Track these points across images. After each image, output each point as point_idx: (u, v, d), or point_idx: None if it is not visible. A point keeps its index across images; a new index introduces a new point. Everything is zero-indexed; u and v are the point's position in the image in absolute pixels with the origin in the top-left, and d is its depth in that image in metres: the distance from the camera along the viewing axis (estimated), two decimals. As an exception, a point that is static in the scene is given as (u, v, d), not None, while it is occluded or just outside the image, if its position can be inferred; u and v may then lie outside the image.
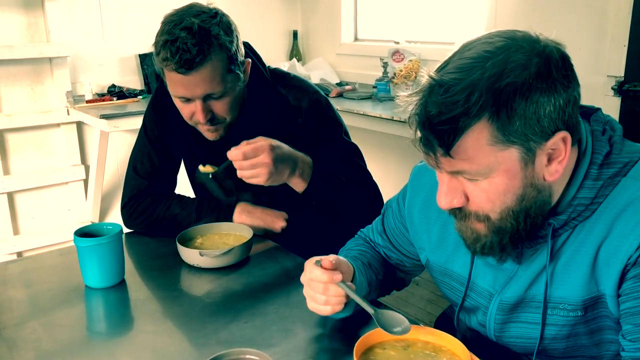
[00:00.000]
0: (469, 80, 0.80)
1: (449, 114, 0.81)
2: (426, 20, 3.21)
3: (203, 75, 1.34)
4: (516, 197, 0.87)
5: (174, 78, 1.36)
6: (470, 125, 0.81)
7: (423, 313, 2.83)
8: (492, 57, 0.81)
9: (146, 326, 1.16)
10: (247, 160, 1.32)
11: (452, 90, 0.81)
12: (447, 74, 0.83)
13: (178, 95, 1.40)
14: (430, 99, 0.83)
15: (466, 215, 0.91)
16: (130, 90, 3.09)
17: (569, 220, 0.91)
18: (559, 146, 0.85)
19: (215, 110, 1.42)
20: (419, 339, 0.98)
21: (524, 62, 0.81)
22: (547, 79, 0.81)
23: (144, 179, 1.58)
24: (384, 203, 1.27)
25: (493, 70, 0.80)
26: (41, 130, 3.06)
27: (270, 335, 1.08)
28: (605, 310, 0.92)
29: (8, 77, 2.93)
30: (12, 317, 1.17)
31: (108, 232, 1.29)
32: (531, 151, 0.84)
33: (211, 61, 1.34)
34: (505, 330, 1.02)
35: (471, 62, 0.82)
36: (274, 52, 3.70)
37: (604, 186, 0.89)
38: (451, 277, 1.10)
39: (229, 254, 1.35)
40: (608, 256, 0.88)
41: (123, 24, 3.20)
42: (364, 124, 2.71)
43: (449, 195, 0.90)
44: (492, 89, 0.80)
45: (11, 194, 3.04)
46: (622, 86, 2.26)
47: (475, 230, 0.92)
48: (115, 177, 3.33)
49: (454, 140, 0.82)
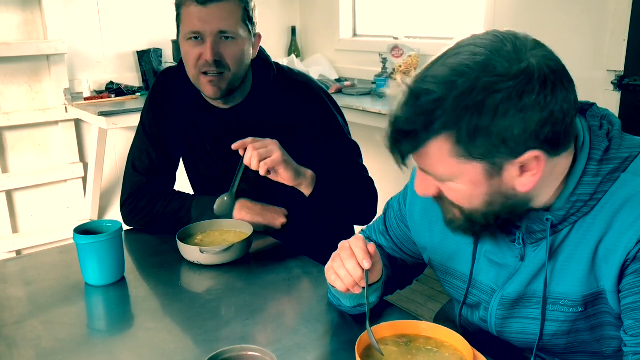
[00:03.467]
0: (438, 94, 0.81)
1: (412, 125, 0.83)
2: (425, 15, 3.20)
3: (220, 9, 1.38)
4: (484, 202, 0.89)
5: (192, 11, 1.39)
6: (430, 138, 0.83)
7: (424, 309, 2.83)
8: (465, 73, 0.80)
9: (146, 323, 1.15)
10: (257, 141, 1.35)
11: (421, 100, 0.82)
12: (423, 82, 0.83)
13: (192, 29, 1.41)
14: (401, 102, 0.85)
15: (442, 199, 0.94)
16: (129, 87, 3.08)
17: (568, 216, 0.91)
18: (530, 163, 0.84)
19: (224, 52, 1.43)
20: (421, 335, 0.98)
21: (494, 84, 0.79)
22: (525, 96, 0.79)
23: (143, 176, 1.58)
24: (386, 202, 1.26)
25: (463, 87, 0.79)
26: (39, 128, 3.05)
27: (272, 332, 1.07)
28: (605, 306, 0.92)
29: (5, 75, 2.92)
30: (11, 315, 1.16)
31: (108, 229, 1.29)
32: (496, 165, 0.84)
33: (230, 1, 1.39)
34: (506, 325, 1.02)
35: (448, 73, 0.81)
36: (272, 48, 3.66)
37: (604, 182, 0.89)
38: (453, 276, 1.10)
39: (229, 251, 1.34)
40: (608, 252, 0.88)
41: (121, 21, 3.19)
42: (363, 120, 2.71)
43: (422, 185, 0.93)
44: (458, 107, 0.80)
45: (10, 192, 3.03)
46: (622, 80, 2.25)
47: (452, 212, 0.94)
48: (114, 175, 3.32)
49: (415, 148, 0.85)
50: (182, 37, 1.45)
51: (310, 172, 1.44)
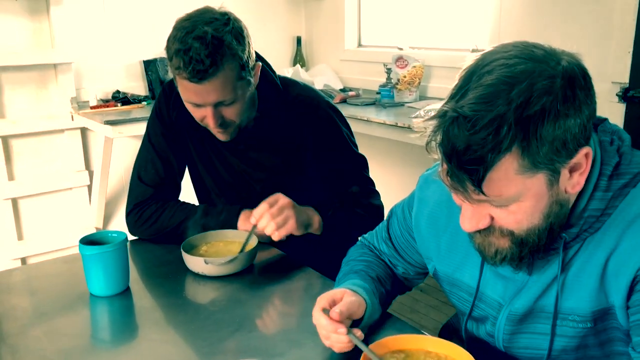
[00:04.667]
0: (495, 112, 0.77)
1: (479, 152, 0.78)
2: (430, 26, 3.21)
3: (215, 85, 1.35)
4: (543, 216, 0.87)
5: (186, 85, 1.37)
6: (500, 158, 0.79)
7: (427, 320, 2.82)
8: (516, 84, 0.78)
9: (151, 334, 1.15)
10: (274, 207, 1.35)
11: (479, 123, 0.77)
12: (469, 105, 0.79)
13: (189, 101, 1.42)
14: (454, 132, 0.79)
15: (490, 231, 0.90)
16: (135, 96, 3.10)
17: (581, 232, 0.91)
18: (581, 161, 0.85)
19: (226, 115, 1.43)
20: (423, 349, 0.98)
21: (549, 88, 0.78)
22: (572, 102, 0.80)
23: (149, 186, 1.58)
24: (390, 210, 1.26)
25: (519, 99, 0.77)
26: (45, 136, 3.07)
27: (275, 345, 1.07)
28: (615, 322, 0.91)
29: (13, 83, 2.94)
30: (16, 325, 1.17)
31: (113, 240, 1.29)
32: (557, 172, 0.83)
33: (223, 71, 1.34)
34: (514, 340, 1.02)
35: (493, 90, 0.78)
36: (277, 59, 3.70)
37: (614, 197, 0.89)
38: (460, 288, 1.09)
39: (234, 262, 1.34)
40: (617, 268, 0.88)
41: (127, 30, 3.21)
42: (368, 130, 2.71)
43: (474, 219, 0.88)
44: (521, 119, 0.77)
45: (15, 200, 3.04)
46: (627, 92, 2.25)
47: (498, 245, 0.91)
48: (119, 183, 3.33)
49: (484, 176, 0.80)
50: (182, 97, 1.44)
51: (317, 217, 1.46)
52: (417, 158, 3.21)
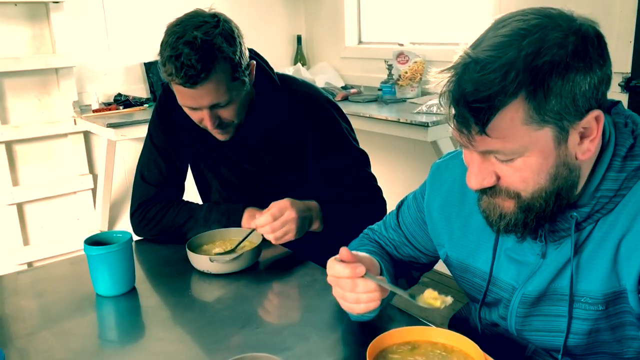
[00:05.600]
0: (505, 59, 0.79)
1: (485, 92, 0.79)
2: (430, 21, 3.21)
3: (208, 88, 1.36)
4: (549, 176, 0.86)
5: (181, 90, 1.38)
6: (506, 103, 0.79)
7: (435, 314, 2.82)
8: (528, 35, 0.80)
9: (157, 333, 1.16)
10: (277, 220, 1.35)
11: (488, 67, 0.79)
12: (482, 52, 0.81)
13: (185, 105, 1.43)
14: (465, 76, 0.81)
15: (496, 192, 0.90)
16: (137, 98, 3.10)
17: (592, 213, 0.90)
18: (591, 125, 0.84)
19: (223, 116, 1.44)
20: (430, 340, 0.97)
21: (560, 41, 0.79)
22: (583, 58, 0.80)
23: (152, 186, 1.59)
24: (401, 199, 1.26)
25: (530, 48, 0.78)
26: (49, 140, 3.08)
27: (283, 340, 1.07)
28: (626, 306, 0.91)
29: (15, 89, 2.95)
30: (24, 327, 1.17)
31: (118, 240, 1.30)
32: (564, 130, 0.82)
33: (216, 74, 1.35)
34: (526, 323, 1.01)
35: (507, 39, 0.80)
36: (278, 57, 3.70)
37: (628, 178, 0.88)
38: (473, 274, 1.09)
39: (239, 260, 1.35)
40: (629, 251, 0.87)
41: (128, 33, 3.21)
42: (370, 127, 2.71)
43: (479, 175, 0.88)
44: (530, 67, 0.78)
45: (20, 205, 3.05)
46: (629, 82, 2.25)
47: (503, 208, 0.90)
48: (123, 186, 3.34)
49: (490, 118, 0.80)
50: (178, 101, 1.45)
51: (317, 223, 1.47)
52: (420, 154, 3.21)
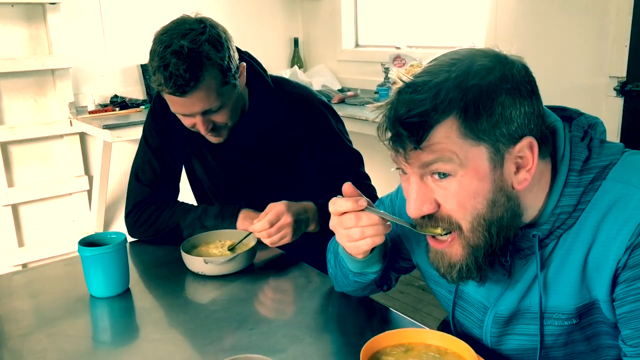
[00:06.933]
0: (435, 81, 0.83)
1: (418, 110, 0.82)
2: (427, 25, 3.22)
3: (199, 96, 1.36)
4: (487, 202, 0.86)
5: (172, 99, 1.39)
6: (439, 121, 0.82)
7: (430, 319, 2.82)
8: (457, 62, 0.84)
9: (152, 334, 1.15)
10: (274, 226, 1.35)
11: (419, 89, 0.83)
12: (415, 77, 0.85)
13: (177, 112, 1.44)
14: (399, 99, 0.85)
15: (437, 220, 0.89)
16: (133, 100, 3.10)
17: (554, 229, 0.90)
18: (525, 153, 0.85)
19: (216, 120, 1.45)
20: (424, 342, 0.97)
21: (489, 67, 0.83)
22: (511, 83, 0.83)
23: (147, 186, 1.59)
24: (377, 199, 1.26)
25: (459, 71, 0.82)
26: (44, 141, 3.07)
27: (277, 342, 1.07)
28: (600, 316, 0.90)
29: (11, 90, 2.94)
30: (17, 328, 1.16)
31: (112, 241, 1.29)
32: (499, 153, 0.84)
33: (205, 81, 1.35)
34: (501, 343, 1.01)
35: (438, 67, 0.85)
36: (275, 60, 3.71)
37: (585, 192, 0.88)
38: (441, 285, 1.09)
39: (234, 261, 1.34)
40: (597, 262, 0.87)
41: (125, 35, 3.21)
42: (366, 130, 2.71)
43: (418, 200, 0.88)
44: (460, 87, 0.82)
45: (15, 206, 3.05)
46: (625, 86, 2.26)
47: (449, 255, 0.90)
48: (119, 188, 3.33)
49: (424, 134, 0.83)
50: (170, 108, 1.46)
51: (313, 225, 1.46)
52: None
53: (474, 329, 1.05)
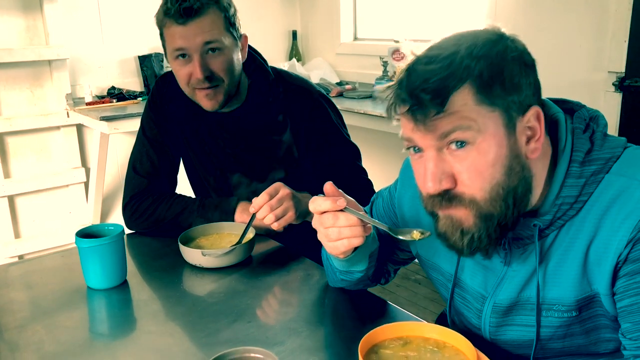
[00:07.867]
0: (447, 53, 0.85)
1: (437, 77, 0.83)
2: (426, 18, 3.21)
3: (201, 24, 1.39)
4: (504, 169, 0.86)
5: (174, 31, 1.40)
6: (457, 87, 0.83)
7: (426, 312, 2.82)
8: (462, 38, 0.87)
9: (149, 327, 1.15)
10: (274, 199, 1.34)
11: (434, 60, 0.85)
12: (425, 52, 0.88)
13: (177, 47, 1.42)
14: (415, 70, 0.86)
15: (451, 199, 0.88)
16: (130, 92, 3.09)
17: (555, 220, 0.90)
18: (533, 123, 0.87)
19: (213, 67, 1.43)
20: (422, 336, 0.97)
21: (493, 39, 0.86)
22: (516, 52, 0.86)
23: (144, 178, 1.58)
24: (375, 193, 1.26)
25: (467, 44, 0.85)
26: (41, 133, 3.06)
27: (274, 334, 1.07)
28: (600, 309, 0.91)
29: (7, 80, 2.93)
30: (14, 320, 1.16)
31: (109, 232, 1.29)
32: (512, 121, 0.86)
33: (209, 13, 1.39)
34: (500, 333, 1.01)
35: (445, 43, 0.88)
36: (273, 53, 3.70)
37: (587, 184, 0.88)
38: (439, 272, 1.09)
39: (232, 254, 1.34)
40: (598, 255, 0.87)
41: (122, 26, 3.20)
42: (365, 123, 2.71)
43: (437, 173, 0.86)
44: (471, 57, 0.84)
45: (12, 198, 3.04)
46: (623, 82, 2.25)
47: (460, 221, 0.89)
48: (116, 180, 3.32)
49: (445, 98, 0.83)
50: (169, 56, 1.47)
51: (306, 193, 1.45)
52: (414, 151, 3.21)
53: (472, 318, 1.05)
